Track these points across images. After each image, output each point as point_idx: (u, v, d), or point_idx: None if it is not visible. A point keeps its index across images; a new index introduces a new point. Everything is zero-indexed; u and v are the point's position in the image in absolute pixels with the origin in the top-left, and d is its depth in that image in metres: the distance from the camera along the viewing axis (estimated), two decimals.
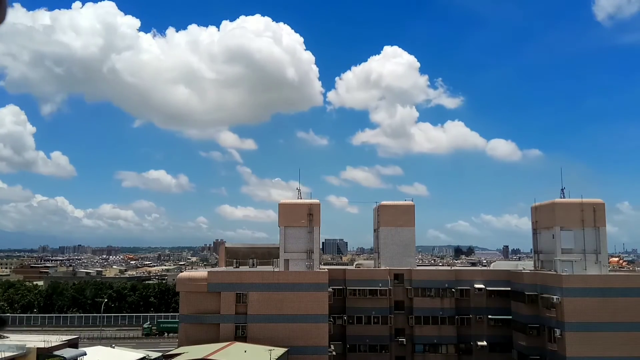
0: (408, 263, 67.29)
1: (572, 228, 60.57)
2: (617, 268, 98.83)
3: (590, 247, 60.10)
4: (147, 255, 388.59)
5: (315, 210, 62.82)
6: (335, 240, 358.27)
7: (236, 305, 59.07)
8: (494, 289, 65.51)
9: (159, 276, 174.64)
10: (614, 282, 58.42)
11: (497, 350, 64.82)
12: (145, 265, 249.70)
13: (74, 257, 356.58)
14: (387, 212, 69.31)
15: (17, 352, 48.99)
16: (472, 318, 65.28)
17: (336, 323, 63.08)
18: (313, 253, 61.90)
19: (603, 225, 60.65)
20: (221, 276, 61.19)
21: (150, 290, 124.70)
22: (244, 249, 72.22)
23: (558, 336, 55.94)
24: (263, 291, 59.24)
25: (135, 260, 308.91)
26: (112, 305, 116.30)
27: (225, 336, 57.26)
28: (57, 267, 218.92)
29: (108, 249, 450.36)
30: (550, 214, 62.57)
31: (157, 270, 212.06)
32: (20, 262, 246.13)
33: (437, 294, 65.15)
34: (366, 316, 64.01)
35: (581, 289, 56.46)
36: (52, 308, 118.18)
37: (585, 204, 60.85)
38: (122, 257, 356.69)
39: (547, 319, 58.30)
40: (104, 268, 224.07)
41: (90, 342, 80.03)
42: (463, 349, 65.01)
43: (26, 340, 55.78)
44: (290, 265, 61.96)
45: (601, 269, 59.88)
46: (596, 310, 55.68)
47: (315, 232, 62.42)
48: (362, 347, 63.87)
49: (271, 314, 58.49)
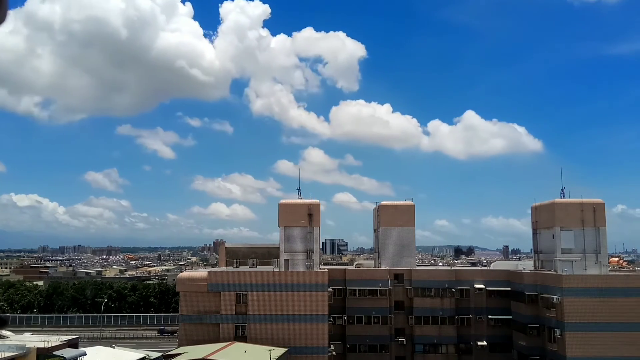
0: (408, 263, 67.29)
1: (572, 228, 60.59)
2: (617, 268, 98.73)
3: (590, 247, 60.11)
4: (147, 255, 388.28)
5: (315, 210, 62.82)
6: (335, 240, 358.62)
7: (236, 305, 59.11)
8: (494, 289, 65.52)
9: (159, 276, 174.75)
10: (613, 282, 58.42)
11: (497, 350, 64.78)
12: (145, 265, 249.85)
13: (74, 257, 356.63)
14: (387, 212, 69.30)
15: (17, 352, 48.95)
16: (472, 318, 65.27)
17: (336, 323, 63.07)
18: (313, 253, 61.91)
19: (603, 225, 60.65)
20: (221, 276, 61.20)
21: (150, 290, 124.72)
22: (244, 249, 72.32)
23: (558, 336, 55.96)
24: (263, 291, 59.26)
25: (135, 260, 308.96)
26: (112, 305, 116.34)
27: (225, 336, 57.29)
28: (57, 267, 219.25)
29: (108, 249, 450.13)
30: (550, 214, 62.56)
31: (157, 270, 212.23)
32: (20, 262, 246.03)
33: (437, 294, 65.15)
34: (366, 316, 64.00)
35: (581, 289, 56.47)
36: (52, 308, 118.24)
37: (585, 204, 60.87)
38: (122, 257, 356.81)
39: (547, 319, 58.31)
40: (104, 268, 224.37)
41: (90, 342, 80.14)
42: (463, 349, 64.99)
43: (26, 340, 55.75)
44: (290, 265, 61.96)
45: (601, 269, 59.88)
46: (596, 310, 55.70)
47: (315, 232, 62.42)
48: (362, 347, 63.85)
49: (271, 314, 58.52)
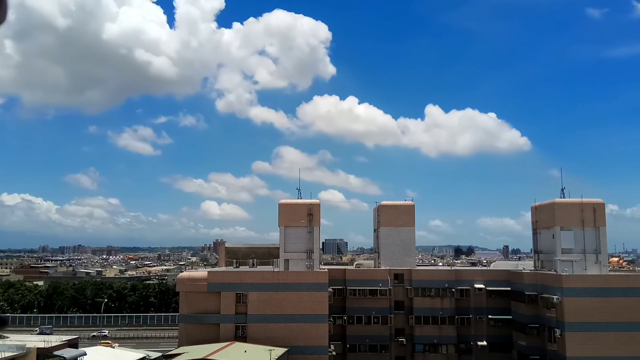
0: (408, 263, 67.27)
1: (572, 228, 60.58)
2: (617, 268, 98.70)
3: (590, 247, 60.10)
4: (147, 255, 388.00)
5: (315, 210, 62.81)
6: (335, 240, 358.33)
7: (236, 305, 59.10)
8: (494, 289, 65.51)
9: (159, 276, 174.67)
10: (614, 282, 58.43)
11: (497, 350, 64.77)
12: (145, 265, 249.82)
13: (74, 257, 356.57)
14: (387, 212, 69.29)
15: (17, 352, 48.99)
16: (472, 318, 65.26)
17: (336, 323, 63.07)
18: (313, 253, 61.90)
19: (603, 225, 60.64)
20: (221, 276, 61.20)
21: (150, 290, 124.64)
22: (244, 249, 72.32)
23: (558, 336, 55.95)
24: (263, 291, 59.25)
25: (135, 260, 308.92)
26: (112, 305, 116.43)
27: (225, 336, 57.28)
28: (57, 267, 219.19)
29: (108, 249, 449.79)
30: (550, 214, 62.55)
31: (157, 270, 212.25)
32: (20, 262, 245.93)
33: (437, 294, 65.15)
34: (366, 316, 63.99)
35: (581, 289, 56.47)
36: (52, 308, 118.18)
37: (585, 204, 60.86)
38: (122, 257, 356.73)
39: (547, 319, 58.29)
40: (104, 268, 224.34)
41: (90, 342, 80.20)
42: (463, 349, 64.99)
43: (26, 340, 55.81)
44: (290, 265, 61.95)
45: (601, 269, 59.86)
46: (596, 310, 55.68)
47: (315, 232, 62.41)
48: (362, 347, 63.84)
49: (271, 314, 58.51)
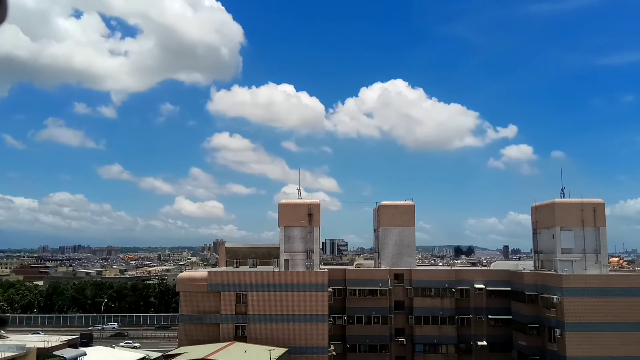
0: (408, 263, 67.27)
1: (572, 228, 60.58)
2: (617, 268, 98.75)
3: (590, 247, 60.10)
4: (147, 255, 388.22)
5: (315, 210, 62.78)
6: (335, 240, 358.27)
7: (236, 305, 59.08)
8: (494, 289, 65.51)
9: (159, 276, 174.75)
10: (614, 282, 58.42)
11: (497, 350, 64.80)
12: (145, 265, 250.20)
13: (73, 257, 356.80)
14: (387, 212, 69.28)
15: (17, 352, 48.91)
16: (472, 318, 65.26)
17: (336, 323, 63.05)
18: (313, 253, 61.87)
19: (603, 225, 60.65)
20: (221, 276, 61.18)
21: (150, 290, 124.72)
22: (244, 249, 72.32)
23: (558, 336, 55.95)
24: (263, 291, 59.23)
25: (135, 260, 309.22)
26: (112, 305, 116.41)
27: (225, 336, 57.27)
28: (57, 267, 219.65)
29: (108, 249, 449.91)
30: (550, 214, 62.55)
31: (157, 270, 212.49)
32: (20, 262, 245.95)
33: (437, 294, 65.14)
34: (366, 316, 64.00)
35: (581, 289, 56.46)
36: (52, 308, 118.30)
37: (585, 204, 60.85)
38: (122, 257, 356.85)
39: (547, 319, 58.30)
40: (104, 268, 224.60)
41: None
42: (463, 349, 64.98)
43: (26, 340, 55.80)
44: (290, 265, 61.93)
45: (601, 269, 59.86)
46: (596, 310, 55.68)
47: (315, 232, 62.37)
48: (362, 347, 63.84)
49: (271, 314, 58.49)
